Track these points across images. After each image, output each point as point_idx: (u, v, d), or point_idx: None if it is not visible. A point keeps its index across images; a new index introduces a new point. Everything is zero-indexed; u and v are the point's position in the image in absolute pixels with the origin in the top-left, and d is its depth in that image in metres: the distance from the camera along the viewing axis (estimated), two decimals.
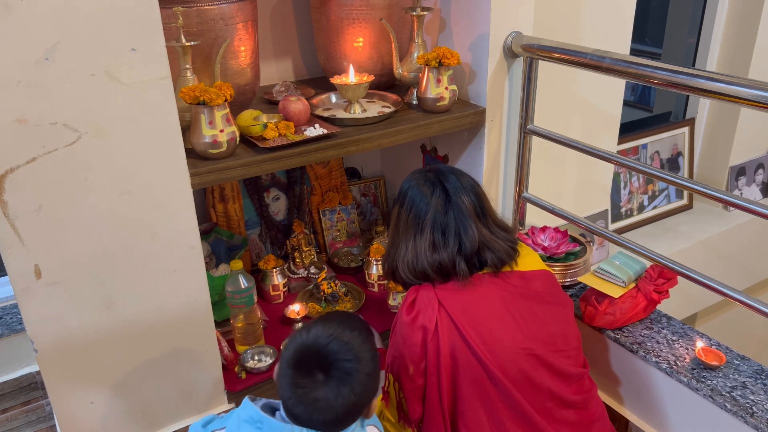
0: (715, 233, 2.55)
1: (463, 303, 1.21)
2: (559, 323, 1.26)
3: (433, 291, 1.23)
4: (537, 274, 1.30)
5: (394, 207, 1.33)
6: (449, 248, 1.23)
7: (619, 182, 2.48)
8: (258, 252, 1.98)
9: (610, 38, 2.01)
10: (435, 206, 1.25)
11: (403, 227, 1.29)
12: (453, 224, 1.24)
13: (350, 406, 0.96)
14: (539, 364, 1.20)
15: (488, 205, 1.31)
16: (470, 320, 1.19)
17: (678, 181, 1.37)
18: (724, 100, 1.18)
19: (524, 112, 1.64)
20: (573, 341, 1.27)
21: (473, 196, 1.28)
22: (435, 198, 1.26)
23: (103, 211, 1.19)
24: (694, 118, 2.66)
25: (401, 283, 1.31)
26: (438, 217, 1.25)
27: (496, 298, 1.23)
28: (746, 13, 2.42)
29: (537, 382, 1.19)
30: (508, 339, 1.19)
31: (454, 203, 1.26)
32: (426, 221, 1.25)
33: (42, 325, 1.20)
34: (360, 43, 1.69)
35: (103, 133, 1.14)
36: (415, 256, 1.25)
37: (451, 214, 1.25)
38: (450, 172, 1.31)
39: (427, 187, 1.28)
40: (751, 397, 1.26)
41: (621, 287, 1.47)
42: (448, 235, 1.24)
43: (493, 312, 1.21)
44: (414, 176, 1.32)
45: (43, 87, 1.06)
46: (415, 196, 1.28)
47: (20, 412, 1.89)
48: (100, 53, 1.09)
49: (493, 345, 1.17)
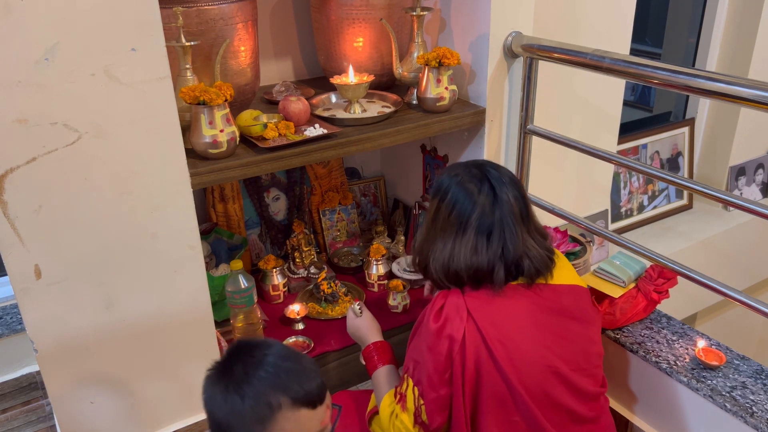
0: (715, 233, 2.55)
1: (493, 314, 1.15)
2: (584, 341, 1.22)
3: (462, 298, 1.17)
4: (569, 289, 1.24)
5: (433, 200, 1.25)
6: (491, 252, 1.17)
7: (619, 182, 2.48)
8: (258, 252, 1.98)
9: (610, 38, 2.01)
10: (482, 206, 1.17)
11: (442, 224, 1.21)
12: (498, 227, 1.17)
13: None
14: (560, 382, 1.16)
15: (530, 205, 1.24)
16: (498, 333, 1.13)
17: (678, 181, 1.37)
18: (723, 100, 1.18)
19: (524, 112, 1.64)
20: (595, 359, 1.24)
21: (518, 194, 1.21)
22: (482, 197, 1.18)
23: (103, 211, 1.19)
24: (694, 118, 2.66)
25: (431, 279, 1.25)
26: (483, 219, 1.17)
27: (526, 312, 1.17)
28: (746, 13, 2.42)
29: (557, 400, 1.16)
30: (534, 355, 1.14)
31: (502, 203, 1.18)
32: (470, 222, 1.17)
33: (42, 325, 1.20)
34: (360, 43, 1.69)
35: (103, 133, 1.14)
36: (450, 257, 1.18)
37: (498, 215, 1.17)
38: (491, 166, 1.23)
39: (473, 184, 1.19)
40: (751, 397, 1.26)
41: (621, 287, 1.47)
42: (492, 238, 1.17)
43: (521, 326, 1.16)
44: (456, 170, 1.23)
45: (43, 87, 1.06)
46: (459, 193, 1.19)
47: (20, 412, 1.89)
48: (100, 53, 1.09)
49: (519, 361, 1.13)
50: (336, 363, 1.64)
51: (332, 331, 1.70)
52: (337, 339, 1.66)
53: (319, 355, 1.61)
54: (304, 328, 1.71)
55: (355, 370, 1.68)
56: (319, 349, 1.62)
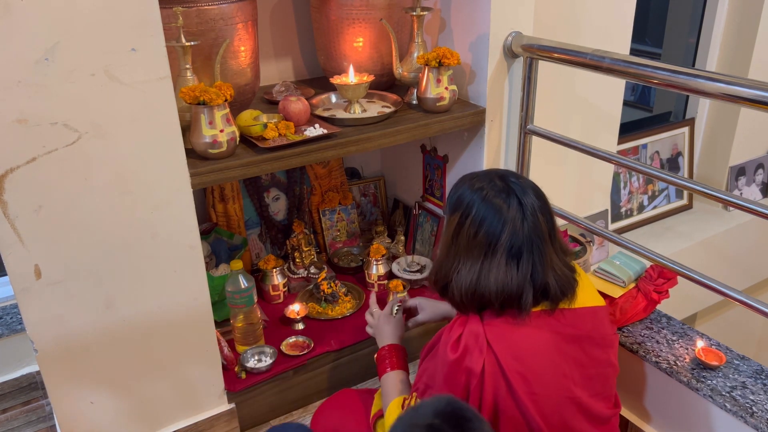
0: (715, 233, 2.55)
1: (513, 345, 1.08)
2: (602, 365, 1.16)
3: (481, 327, 1.09)
4: (591, 312, 1.17)
5: (454, 214, 1.14)
6: (520, 275, 1.07)
7: (619, 182, 2.48)
8: (258, 252, 1.98)
9: (610, 38, 2.01)
10: (512, 225, 1.07)
11: (467, 244, 1.10)
12: (528, 247, 1.08)
13: None
14: (578, 411, 1.11)
15: (555, 220, 1.15)
16: (520, 366, 1.07)
17: (678, 181, 1.37)
18: (723, 100, 1.18)
19: (524, 112, 1.64)
20: (612, 381, 1.20)
21: (545, 209, 1.13)
22: (511, 214, 1.08)
23: (103, 211, 1.19)
24: (694, 118, 2.66)
25: (449, 300, 1.16)
26: (515, 239, 1.07)
27: (548, 341, 1.10)
28: (746, 13, 2.42)
29: (574, 427, 1.11)
30: (555, 387, 1.09)
31: (530, 220, 1.08)
32: (500, 243, 1.08)
33: (42, 325, 1.20)
34: (360, 43, 1.69)
35: (103, 133, 1.14)
36: (478, 280, 1.09)
37: (528, 232, 1.08)
38: (513, 176, 1.14)
39: (500, 199, 1.09)
40: (750, 397, 1.26)
41: (621, 287, 1.47)
42: (522, 260, 1.08)
43: (543, 358, 1.09)
44: (478, 182, 1.13)
45: (43, 87, 1.06)
46: (486, 210, 1.09)
47: (20, 412, 1.89)
48: (100, 53, 1.09)
49: (539, 394, 1.07)
50: (336, 363, 1.64)
51: (332, 331, 1.70)
52: (337, 339, 1.66)
53: (319, 355, 1.61)
54: (304, 328, 1.71)
55: (356, 370, 1.68)
56: (319, 349, 1.62)
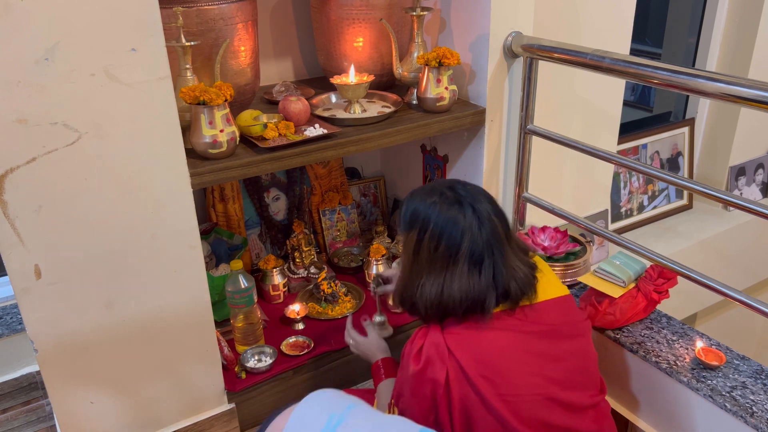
0: (715, 233, 2.55)
1: (476, 350, 1.09)
2: (577, 357, 1.17)
3: (441, 337, 1.10)
4: (554, 304, 1.18)
5: (411, 232, 1.14)
6: (484, 279, 1.09)
7: (619, 182, 2.48)
8: (258, 252, 1.98)
9: (610, 38, 2.01)
10: (470, 233, 1.09)
11: (429, 258, 1.11)
12: (488, 251, 1.10)
13: None
14: (556, 406, 1.11)
15: (508, 220, 1.17)
16: (483, 369, 1.07)
17: (678, 181, 1.37)
18: (723, 100, 1.18)
19: (524, 112, 1.64)
20: (591, 368, 1.19)
21: (497, 211, 1.14)
22: (467, 221, 1.09)
23: (103, 211, 1.19)
24: (694, 118, 2.66)
25: (418, 316, 1.16)
26: (474, 246, 1.09)
27: (513, 341, 1.11)
28: (746, 13, 2.42)
29: (554, 424, 1.11)
30: (526, 386, 1.09)
31: (486, 225, 1.10)
32: (461, 252, 1.09)
33: (42, 324, 1.20)
34: (360, 43, 1.69)
35: (103, 133, 1.14)
36: (442, 292, 1.10)
37: (486, 237, 1.10)
38: (460, 184, 1.16)
39: (455, 209, 1.10)
40: (751, 397, 1.26)
41: (621, 287, 1.47)
42: (484, 264, 1.09)
43: (508, 359, 1.10)
44: (428, 196, 1.14)
45: (43, 87, 1.06)
46: (443, 222, 1.10)
47: (20, 412, 1.89)
48: (100, 53, 1.09)
49: (509, 395, 1.07)
50: (336, 363, 1.64)
51: (332, 331, 1.70)
52: (337, 339, 1.66)
53: (319, 355, 1.61)
54: (304, 328, 1.71)
55: (356, 370, 1.68)
56: (319, 349, 1.62)
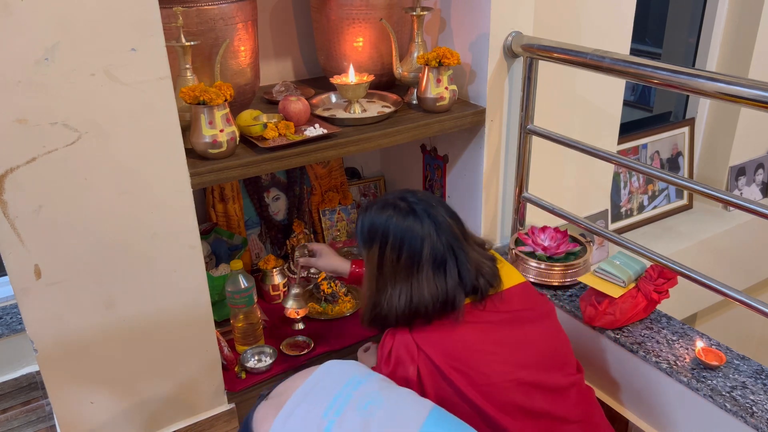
0: (715, 233, 2.55)
1: (444, 343, 1.11)
2: (546, 338, 1.19)
3: (409, 335, 1.12)
4: (516, 291, 1.21)
5: (372, 247, 1.17)
6: (450, 280, 1.13)
7: (619, 182, 2.48)
8: (258, 252, 1.98)
9: (610, 38, 2.01)
10: (429, 238, 1.12)
11: (393, 269, 1.15)
12: (449, 253, 1.14)
13: None
14: (532, 390, 1.13)
15: (461, 220, 1.21)
16: (454, 362, 1.09)
17: (678, 181, 1.37)
18: (724, 100, 1.18)
19: (524, 112, 1.64)
20: (563, 349, 1.21)
21: (450, 212, 1.18)
22: (425, 228, 1.13)
23: (103, 211, 1.19)
24: (694, 118, 2.66)
25: (388, 327, 1.18)
26: (435, 251, 1.12)
27: (480, 332, 1.14)
28: (746, 12, 2.42)
29: (533, 409, 1.13)
30: (497, 374, 1.11)
31: (443, 228, 1.14)
32: (424, 259, 1.12)
33: (42, 325, 1.20)
34: (360, 42, 1.69)
35: (103, 133, 1.14)
36: (410, 299, 1.12)
37: (445, 241, 1.14)
38: (410, 193, 1.19)
39: (411, 218, 1.14)
40: (751, 397, 1.26)
41: (621, 287, 1.47)
42: (448, 266, 1.13)
43: (476, 349, 1.12)
44: (383, 210, 1.18)
45: (42, 87, 1.06)
46: (402, 232, 1.13)
47: (20, 412, 1.89)
48: (100, 53, 1.09)
49: (482, 384, 1.09)
50: None
51: (332, 331, 1.70)
52: (337, 339, 1.66)
53: (319, 355, 1.61)
54: (304, 328, 1.71)
55: None
56: (320, 349, 1.62)
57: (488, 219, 1.78)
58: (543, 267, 1.62)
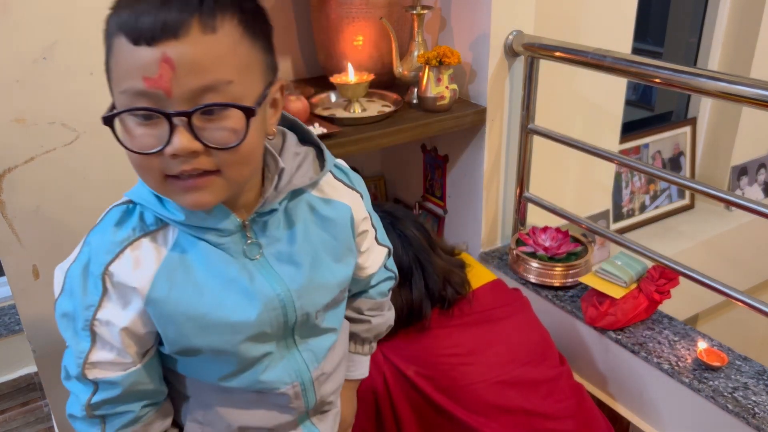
0: (717, 233, 2.54)
1: (409, 351, 1.12)
2: (521, 333, 1.19)
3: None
4: (483, 291, 1.21)
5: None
6: (417, 291, 1.14)
7: (620, 182, 2.47)
8: None
9: (611, 37, 2.00)
10: (396, 252, 1.11)
11: None
12: (415, 265, 1.15)
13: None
14: (506, 387, 1.12)
15: (429, 228, 1.22)
16: (419, 368, 1.10)
17: (680, 181, 1.36)
18: (725, 100, 1.17)
19: (525, 112, 1.63)
20: (542, 343, 1.20)
21: (417, 223, 1.18)
22: (390, 241, 1.12)
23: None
24: (695, 118, 2.65)
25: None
26: (401, 263, 1.13)
27: (444, 336, 1.14)
28: (748, 12, 2.42)
29: (509, 407, 1.12)
30: (466, 377, 1.11)
31: (409, 240, 1.15)
32: None
33: (40, 325, 1.20)
34: (360, 41, 1.68)
35: (101, 132, 1.13)
36: None
37: (411, 254, 1.15)
38: (376, 207, 1.15)
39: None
40: (753, 398, 1.25)
41: (622, 288, 1.46)
42: (414, 278, 1.15)
43: (441, 353, 1.12)
44: None
45: (41, 86, 1.06)
46: None
47: (18, 413, 1.88)
48: (99, 52, 1.08)
49: (451, 388, 1.09)
50: None
51: None
52: None
53: None
54: None
55: None
56: None
57: (489, 219, 1.78)
58: (544, 267, 1.62)
